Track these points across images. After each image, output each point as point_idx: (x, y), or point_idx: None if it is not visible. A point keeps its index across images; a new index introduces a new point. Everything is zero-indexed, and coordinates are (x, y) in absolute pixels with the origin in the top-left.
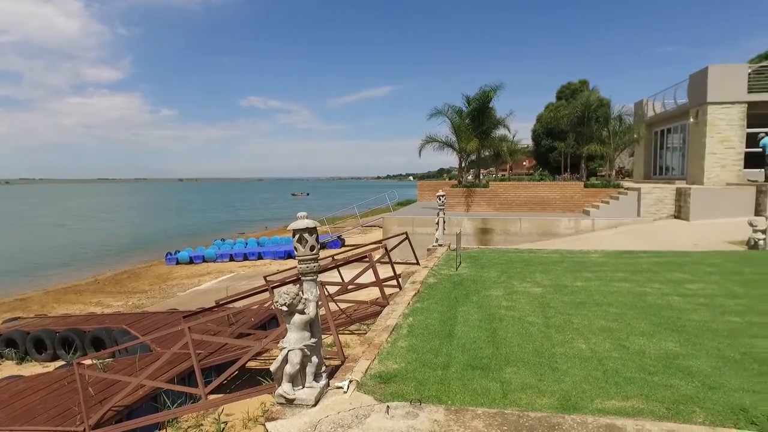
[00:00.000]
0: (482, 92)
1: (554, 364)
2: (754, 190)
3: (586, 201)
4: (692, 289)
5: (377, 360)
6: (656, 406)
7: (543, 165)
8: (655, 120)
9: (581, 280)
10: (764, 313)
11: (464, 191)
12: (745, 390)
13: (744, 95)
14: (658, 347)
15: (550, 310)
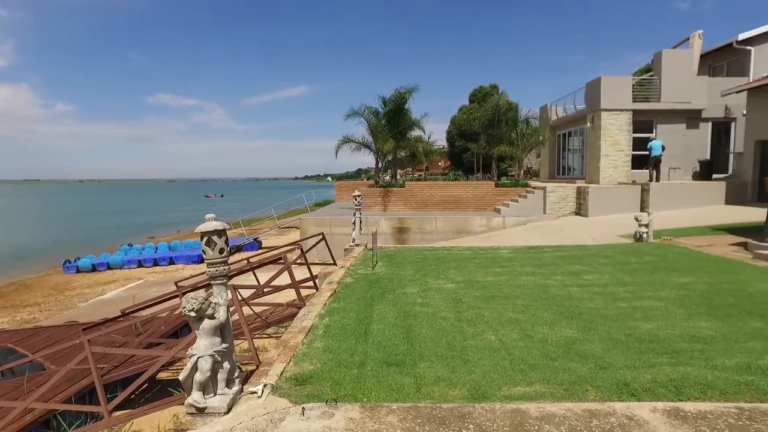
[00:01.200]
0: (398, 94)
1: (466, 356)
2: (639, 189)
3: (497, 200)
4: (589, 279)
5: (293, 362)
6: (556, 389)
7: (457, 165)
8: (558, 123)
9: (492, 275)
10: (646, 298)
11: (381, 191)
12: (628, 367)
13: (630, 104)
14: (559, 334)
15: (462, 305)
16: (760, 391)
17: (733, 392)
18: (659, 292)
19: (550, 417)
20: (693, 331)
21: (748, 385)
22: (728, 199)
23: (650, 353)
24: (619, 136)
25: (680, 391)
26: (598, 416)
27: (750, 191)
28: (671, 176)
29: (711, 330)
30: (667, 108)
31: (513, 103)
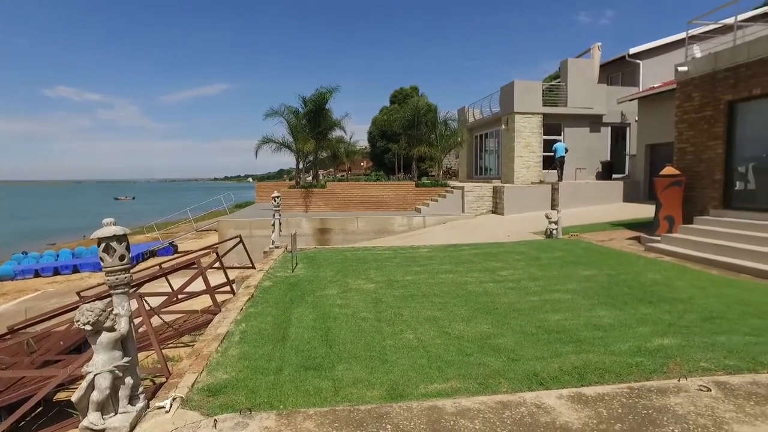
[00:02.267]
0: (318, 94)
1: (384, 356)
2: (550, 188)
3: (417, 199)
4: (504, 275)
5: (206, 372)
6: (471, 384)
7: (379, 166)
8: (475, 125)
9: (411, 274)
10: (555, 291)
11: (302, 192)
12: (537, 358)
13: (541, 107)
14: (475, 330)
15: (381, 305)
16: (647, 371)
17: (626, 374)
18: (567, 285)
19: (465, 411)
20: (595, 320)
21: (638, 366)
22: (625, 197)
23: (558, 343)
24: (531, 138)
25: (583, 377)
26: (510, 407)
27: (642, 190)
28: (577, 176)
29: (610, 318)
30: (573, 113)
31: (432, 104)
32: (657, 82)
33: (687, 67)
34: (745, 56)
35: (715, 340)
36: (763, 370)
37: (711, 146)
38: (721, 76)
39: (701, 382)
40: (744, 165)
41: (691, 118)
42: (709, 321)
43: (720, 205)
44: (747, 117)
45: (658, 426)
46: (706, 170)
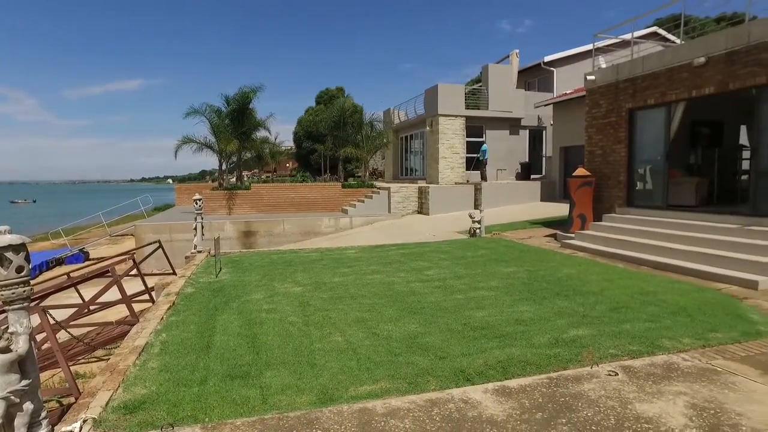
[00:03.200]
0: (242, 93)
1: (313, 360)
2: (473, 188)
3: (344, 200)
4: (430, 274)
5: (122, 388)
6: (400, 384)
7: (305, 167)
8: (400, 127)
9: (339, 275)
10: (479, 288)
11: (226, 194)
12: (464, 354)
13: (463, 110)
14: (403, 330)
15: (309, 308)
16: (564, 361)
17: (546, 365)
18: (490, 282)
19: (395, 411)
20: (517, 315)
21: (555, 357)
22: (543, 197)
23: (482, 339)
24: (455, 140)
25: (506, 371)
26: (439, 404)
27: (558, 189)
28: (498, 177)
29: (530, 313)
30: (494, 116)
31: (358, 106)
32: (569, 89)
33: (594, 77)
34: (641, 69)
35: (622, 328)
36: (659, 352)
37: (616, 149)
38: (622, 85)
39: (610, 368)
40: (643, 167)
41: (599, 124)
42: (616, 311)
43: (624, 204)
44: (644, 123)
45: (574, 411)
46: (613, 171)
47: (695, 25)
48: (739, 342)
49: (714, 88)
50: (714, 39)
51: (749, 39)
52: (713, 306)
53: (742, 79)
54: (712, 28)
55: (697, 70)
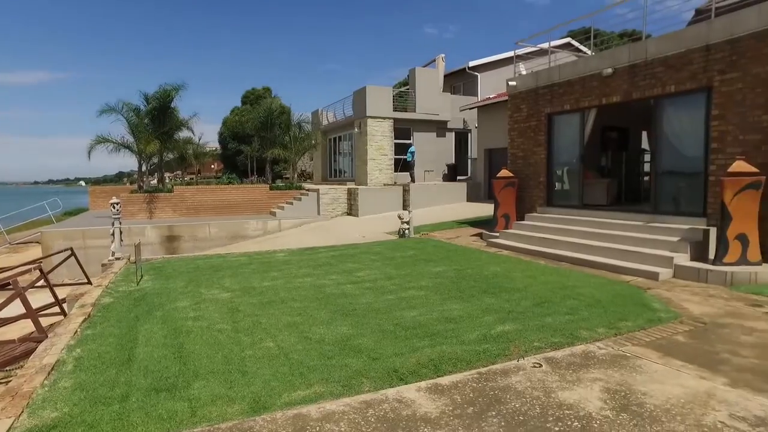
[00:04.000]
0: (162, 91)
1: (244, 368)
2: (401, 190)
3: (272, 203)
4: (361, 276)
5: (26, 413)
6: (334, 387)
7: (231, 168)
8: (329, 128)
9: (269, 279)
10: (410, 288)
11: (146, 197)
12: (396, 354)
13: (391, 112)
14: (335, 332)
15: (239, 314)
16: (493, 356)
17: (476, 361)
18: (420, 282)
19: (330, 415)
20: (447, 313)
21: (485, 353)
22: (469, 197)
23: (414, 339)
24: (383, 142)
25: (438, 368)
26: (373, 405)
27: (483, 190)
28: (426, 178)
29: (460, 310)
30: (421, 118)
31: (286, 106)
32: (493, 94)
33: (515, 83)
34: (557, 77)
35: (545, 321)
36: (578, 343)
37: (536, 152)
38: (541, 92)
39: (535, 360)
40: (561, 168)
41: (520, 127)
42: (540, 306)
43: (545, 203)
44: (561, 128)
45: (503, 403)
46: (534, 173)
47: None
48: (644, 329)
49: (620, 97)
50: (619, 52)
51: (647, 55)
52: (623, 297)
53: (642, 89)
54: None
55: (605, 79)
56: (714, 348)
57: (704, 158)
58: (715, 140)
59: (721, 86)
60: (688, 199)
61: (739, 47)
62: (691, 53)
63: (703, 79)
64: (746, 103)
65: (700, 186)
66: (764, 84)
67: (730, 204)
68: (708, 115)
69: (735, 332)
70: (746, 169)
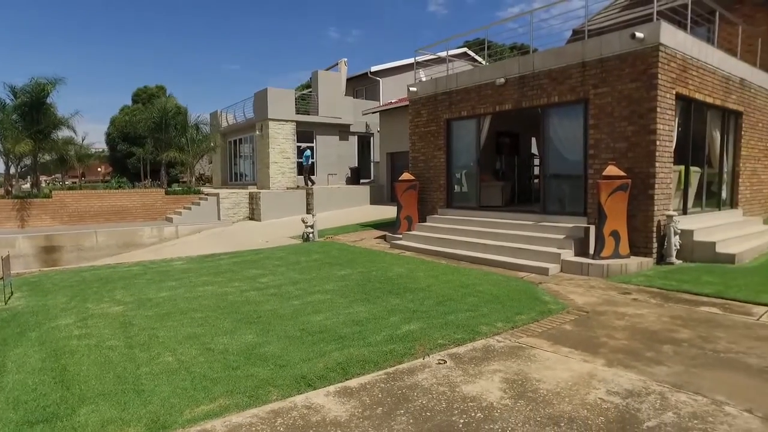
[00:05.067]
0: (35, 84)
1: (140, 386)
2: (304, 193)
3: (168, 208)
4: (265, 282)
5: None
6: (240, 398)
7: (121, 171)
8: (229, 130)
9: (166, 290)
10: (315, 293)
11: (17, 203)
12: (304, 360)
13: (294, 115)
14: (240, 342)
15: (133, 329)
16: (399, 355)
17: (383, 361)
18: (325, 285)
19: (236, 428)
20: (353, 316)
21: (391, 353)
22: (372, 200)
23: (322, 343)
24: (286, 145)
25: (347, 371)
26: (282, 414)
27: (386, 193)
28: (330, 181)
29: (366, 313)
30: (324, 121)
31: (182, 107)
32: (394, 98)
33: (416, 89)
34: (455, 84)
35: (448, 319)
36: (479, 338)
37: (437, 156)
38: (440, 98)
39: (439, 357)
40: (459, 172)
41: (421, 132)
42: (442, 304)
43: (445, 205)
44: (459, 133)
45: (410, 401)
46: (434, 176)
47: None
48: (537, 320)
49: (511, 105)
50: (510, 64)
51: (534, 67)
52: (518, 292)
53: (531, 99)
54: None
55: (499, 89)
56: (595, 333)
57: (583, 163)
58: (592, 147)
59: (595, 99)
60: (572, 200)
61: (607, 66)
62: (570, 68)
63: (580, 91)
64: (615, 114)
65: (581, 188)
66: (627, 99)
67: (605, 204)
68: (586, 124)
69: (611, 318)
70: (617, 173)
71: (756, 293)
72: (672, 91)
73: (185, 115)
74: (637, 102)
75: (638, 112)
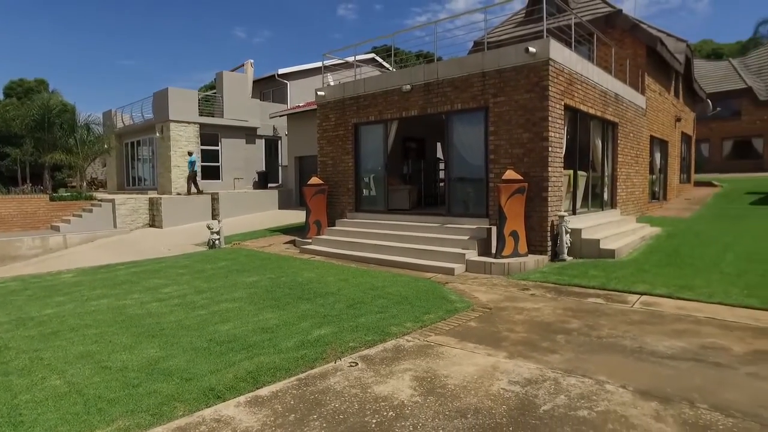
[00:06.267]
0: None
1: (18, 417)
2: (210, 198)
3: (54, 215)
4: (168, 292)
5: None
6: (142, 417)
7: None
8: (125, 131)
9: (52, 306)
10: (223, 301)
11: None
12: (212, 372)
13: (197, 117)
14: (141, 357)
15: (9, 353)
16: (311, 360)
17: (294, 368)
18: (233, 293)
19: None
20: (263, 323)
21: (303, 358)
22: (281, 205)
23: (230, 353)
24: (189, 148)
25: (257, 380)
26: (189, 430)
27: (295, 197)
28: (236, 185)
29: (276, 319)
30: (230, 124)
31: (69, 104)
32: (302, 102)
33: (324, 93)
34: (363, 89)
35: (358, 322)
36: (389, 339)
37: (345, 160)
38: (348, 102)
39: (351, 360)
40: (368, 176)
41: (329, 136)
42: (353, 307)
43: (354, 209)
44: (367, 137)
45: (323, 405)
46: (343, 180)
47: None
48: (445, 319)
49: (417, 111)
50: (416, 71)
51: (438, 75)
52: (426, 292)
53: (436, 105)
54: (414, 62)
55: (405, 95)
56: (497, 328)
57: (485, 167)
58: (492, 152)
59: (495, 107)
60: (475, 203)
61: (505, 76)
62: (472, 77)
63: (481, 100)
64: (512, 122)
65: (483, 191)
66: (523, 108)
67: (504, 206)
68: (486, 131)
69: (511, 313)
70: (515, 177)
71: (631, 283)
72: (561, 102)
73: (73, 114)
74: (532, 111)
75: (532, 120)
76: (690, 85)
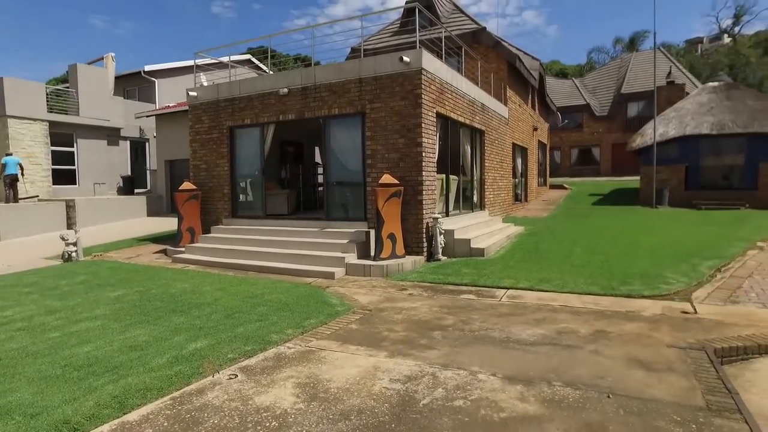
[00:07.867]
0: None
1: None
2: (64, 205)
3: None
4: (9, 315)
5: None
6: None
7: None
8: None
9: None
10: (81, 320)
11: None
12: (67, 401)
13: (46, 114)
14: None
15: None
16: (186, 376)
17: (167, 386)
18: (95, 311)
19: None
20: (130, 341)
21: (177, 375)
22: (149, 212)
23: (91, 377)
24: (35, 148)
25: (124, 405)
26: None
27: (165, 204)
28: (97, 191)
29: (146, 335)
30: (88, 123)
31: None
32: (173, 102)
33: (196, 93)
34: (238, 91)
35: (237, 332)
36: (270, 347)
37: (220, 164)
38: (223, 104)
39: (230, 372)
40: (244, 180)
41: (202, 139)
42: (231, 317)
43: (230, 215)
44: (243, 141)
45: (201, 423)
46: (218, 185)
47: (281, 59)
48: (326, 323)
49: (295, 115)
50: (294, 74)
51: (315, 80)
52: (307, 298)
53: (313, 110)
54: (292, 65)
55: (282, 98)
56: (378, 329)
57: (362, 172)
58: (369, 157)
59: (372, 113)
60: (353, 207)
61: (381, 83)
62: (349, 83)
63: (358, 105)
64: (388, 128)
65: (361, 195)
66: (398, 114)
67: (382, 209)
68: (363, 136)
69: (391, 314)
70: (391, 181)
71: (498, 279)
72: (433, 110)
73: None
74: (406, 117)
75: (407, 126)
76: (543, 99)
